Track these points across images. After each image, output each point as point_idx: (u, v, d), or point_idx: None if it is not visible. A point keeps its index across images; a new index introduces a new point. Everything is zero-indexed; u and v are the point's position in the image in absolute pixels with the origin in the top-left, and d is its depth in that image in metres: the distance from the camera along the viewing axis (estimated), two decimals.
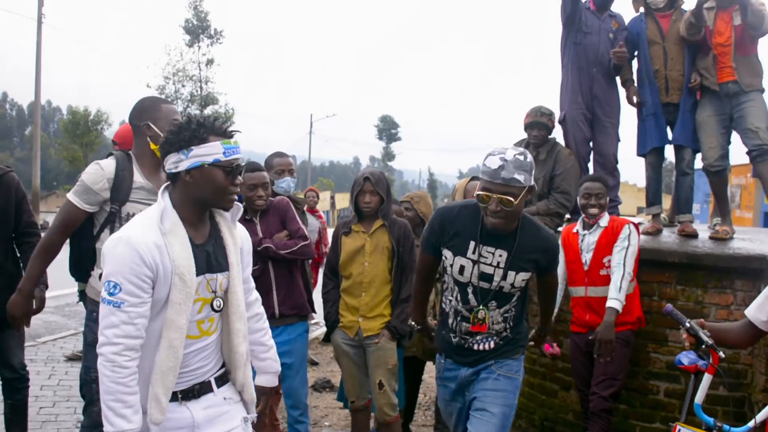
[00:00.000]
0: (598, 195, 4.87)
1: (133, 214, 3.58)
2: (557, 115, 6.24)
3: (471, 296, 3.45)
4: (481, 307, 3.43)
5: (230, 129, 2.68)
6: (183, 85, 37.27)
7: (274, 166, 5.29)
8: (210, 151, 2.58)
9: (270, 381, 3.08)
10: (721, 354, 3.37)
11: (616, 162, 6.39)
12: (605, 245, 4.80)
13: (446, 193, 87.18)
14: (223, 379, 2.81)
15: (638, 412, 5.21)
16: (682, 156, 5.98)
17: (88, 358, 3.80)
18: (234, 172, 2.63)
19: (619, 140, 6.33)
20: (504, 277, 3.37)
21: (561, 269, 4.99)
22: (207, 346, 2.72)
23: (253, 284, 3.03)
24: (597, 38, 6.20)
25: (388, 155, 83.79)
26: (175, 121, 3.65)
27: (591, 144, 6.39)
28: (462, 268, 3.41)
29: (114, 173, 3.64)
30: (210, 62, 37.58)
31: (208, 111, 36.56)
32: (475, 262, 3.37)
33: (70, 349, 8.01)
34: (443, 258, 3.51)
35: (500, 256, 3.34)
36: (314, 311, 4.99)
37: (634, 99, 6.05)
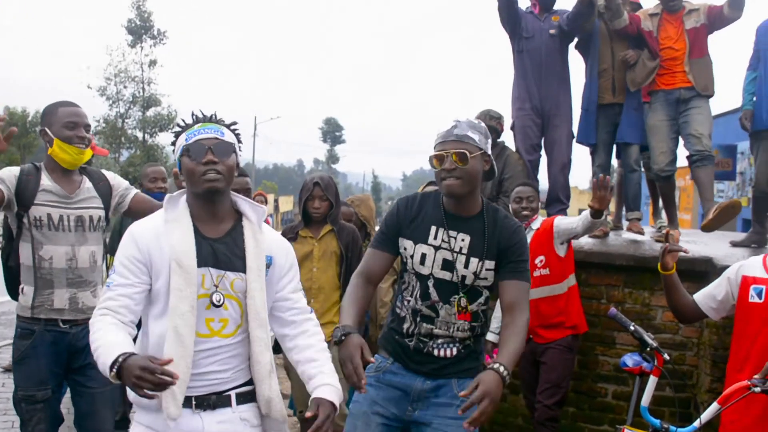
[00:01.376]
0: (529, 198, 4.91)
1: (40, 218, 3.57)
2: (506, 119, 6.26)
3: (432, 290, 3.11)
4: (461, 294, 3.09)
5: (208, 116, 2.71)
6: (125, 86, 36.72)
7: (148, 174, 5.34)
8: (178, 145, 2.65)
9: (328, 393, 2.65)
10: (666, 356, 3.49)
11: (569, 161, 6.40)
12: (538, 246, 4.78)
13: (390, 196, 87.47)
14: (246, 397, 2.68)
15: (587, 415, 5.24)
16: (629, 153, 6.07)
17: (15, 376, 3.71)
18: (197, 151, 2.57)
19: (573, 137, 6.35)
20: (466, 265, 3.06)
21: None
22: (221, 349, 2.60)
23: (301, 303, 2.85)
24: (539, 41, 6.20)
25: (332, 158, 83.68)
26: (71, 122, 3.64)
27: (542, 149, 6.41)
28: (423, 257, 3.10)
29: (18, 177, 3.59)
30: (153, 63, 37.08)
31: (150, 113, 36.05)
32: (437, 248, 3.09)
33: (7, 360, 7.75)
34: (402, 250, 3.18)
35: (463, 240, 3.08)
36: None
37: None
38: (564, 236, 4.77)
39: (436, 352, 3.13)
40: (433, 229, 3.12)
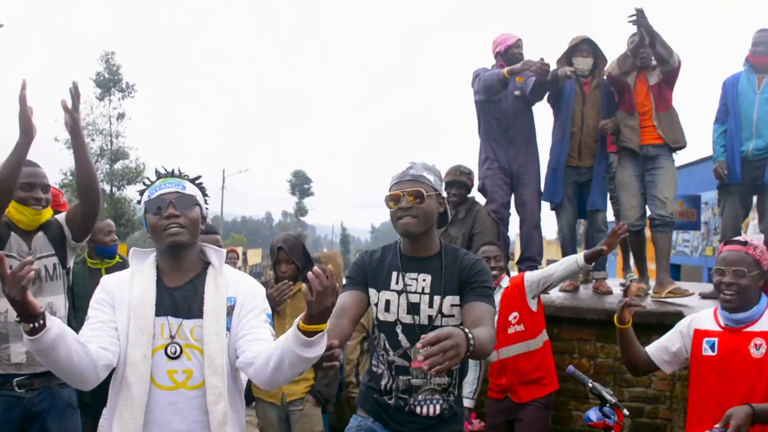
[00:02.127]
0: (496, 257, 4.90)
1: None
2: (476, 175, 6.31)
3: (401, 337, 3.03)
4: (397, 336, 3.01)
5: (168, 172, 2.73)
6: (93, 139, 36.42)
7: (102, 228, 5.22)
8: (143, 202, 2.67)
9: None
10: (625, 411, 3.54)
11: (539, 219, 6.47)
12: (510, 302, 4.77)
13: (359, 248, 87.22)
14: None
15: None
16: (597, 216, 6.19)
17: None
18: (159, 206, 2.59)
19: (541, 194, 6.40)
20: (430, 304, 3.00)
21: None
22: (187, 402, 2.51)
23: (260, 342, 2.57)
24: (505, 103, 6.26)
25: (301, 210, 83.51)
26: (27, 183, 3.62)
27: (512, 206, 6.46)
28: (387, 304, 3.06)
29: None
30: (121, 116, 36.94)
31: (118, 166, 35.86)
32: (400, 293, 3.06)
33: None
34: (369, 299, 3.11)
35: (424, 280, 3.05)
36: None
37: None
38: (537, 288, 4.78)
39: (418, 409, 3.02)
40: (394, 274, 3.10)
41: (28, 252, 3.61)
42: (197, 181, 2.77)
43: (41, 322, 2.21)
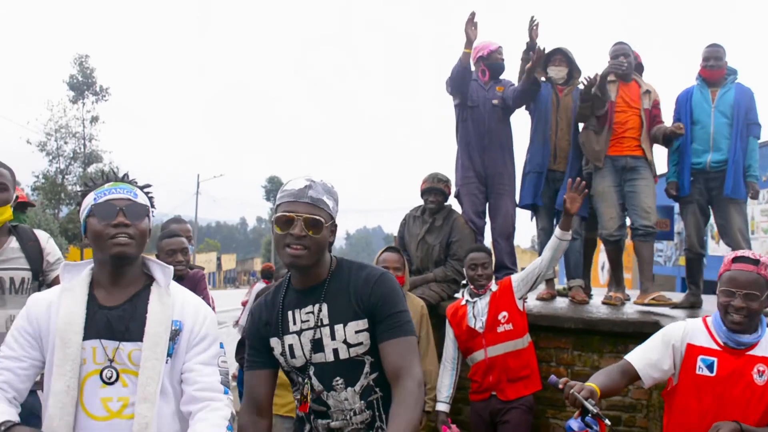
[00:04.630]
0: (484, 264, 4.93)
1: None
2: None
3: (314, 380, 2.66)
4: (305, 381, 2.66)
5: (119, 176, 2.55)
6: (66, 142, 36.08)
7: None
8: (85, 206, 2.44)
9: None
10: (607, 422, 3.43)
11: (514, 229, 6.48)
12: (499, 303, 4.83)
13: (333, 255, 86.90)
14: None
15: None
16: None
17: None
18: (107, 212, 2.37)
19: (515, 205, 6.42)
20: (333, 336, 2.61)
21: (451, 347, 5.02)
22: None
23: (210, 379, 2.45)
24: (483, 110, 6.28)
25: None
26: None
27: (487, 216, 6.47)
28: (291, 348, 2.67)
29: None
30: (95, 120, 36.61)
31: (91, 169, 35.47)
32: (300, 333, 2.67)
33: None
34: (274, 353, 2.73)
35: (320, 310, 2.64)
36: None
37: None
38: (526, 285, 4.87)
39: None
40: (290, 314, 2.70)
41: None
42: (146, 190, 2.57)
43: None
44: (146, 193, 2.55)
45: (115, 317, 2.36)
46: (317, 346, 2.64)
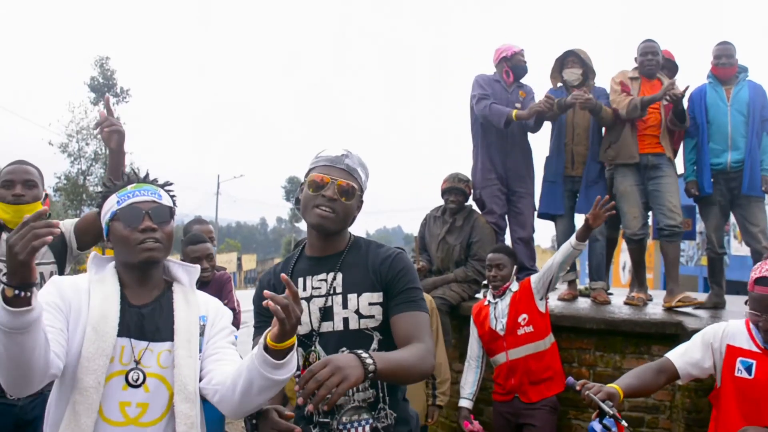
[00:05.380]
0: (499, 266, 4.92)
1: None
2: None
3: (319, 349, 2.58)
4: (312, 348, 2.57)
5: (141, 177, 2.40)
6: (87, 144, 36.37)
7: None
8: (107, 208, 2.33)
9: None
10: (624, 423, 3.37)
11: (533, 230, 6.48)
12: (519, 305, 4.82)
13: None
14: None
15: None
16: None
17: None
18: (132, 216, 2.26)
19: (535, 209, 6.42)
20: (344, 304, 2.57)
21: (476, 346, 5.02)
22: None
23: (226, 364, 2.31)
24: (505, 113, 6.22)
25: (296, 216, 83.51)
26: (6, 181, 3.60)
27: (507, 217, 6.46)
28: None
29: None
30: None
31: None
32: (309, 299, 2.61)
33: None
34: None
35: (335, 279, 2.61)
36: None
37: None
38: (543, 286, 4.83)
39: None
40: (301, 281, 2.66)
41: None
42: (167, 188, 2.46)
43: (28, 294, 1.84)
44: (168, 191, 2.45)
45: (147, 316, 2.27)
46: (327, 314, 2.59)
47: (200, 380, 2.29)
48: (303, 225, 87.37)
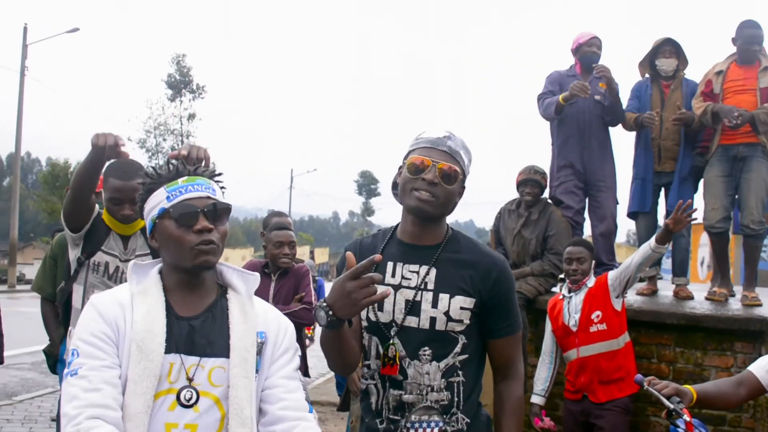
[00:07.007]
0: (580, 259, 4.83)
1: (99, 264, 3.57)
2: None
3: (397, 342, 2.43)
4: (392, 342, 2.43)
5: (189, 168, 2.13)
6: (164, 139, 37.40)
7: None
8: (154, 203, 2.08)
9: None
10: (687, 418, 3.20)
11: (615, 226, 6.34)
12: (594, 301, 4.74)
13: None
14: None
15: None
16: None
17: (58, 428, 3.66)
18: (186, 215, 2.03)
19: (617, 203, 6.30)
20: (435, 303, 2.40)
21: (550, 341, 4.98)
22: None
23: (297, 395, 2.13)
24: (583, 105, 6.10)
25: (368, 210, 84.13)
26: (115, 198, 3.55)
27: (586, 213, 6.35)
28: (382, 301, 2.41)
29: (93, 217, 3.59)
30: (192, 117, 37.74)
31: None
32: (397, 288, 2.45)
33: (48, 408, 7.76)
34: None
35: (426, 273, 2.44)
36: (308, 375, 4.87)
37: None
38: (620, 285, 4.74)
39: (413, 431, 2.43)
40: (390, 265, 2.49)
41: (123, 251, 3.63)
42: (217, 179, 2.20)
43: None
44: (217, 182, 2.18)
45: (198, 328, 2.04)
46: (414, 309, 2.43)
47: (260, 408, 2.10)
48: (375, 219, 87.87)
